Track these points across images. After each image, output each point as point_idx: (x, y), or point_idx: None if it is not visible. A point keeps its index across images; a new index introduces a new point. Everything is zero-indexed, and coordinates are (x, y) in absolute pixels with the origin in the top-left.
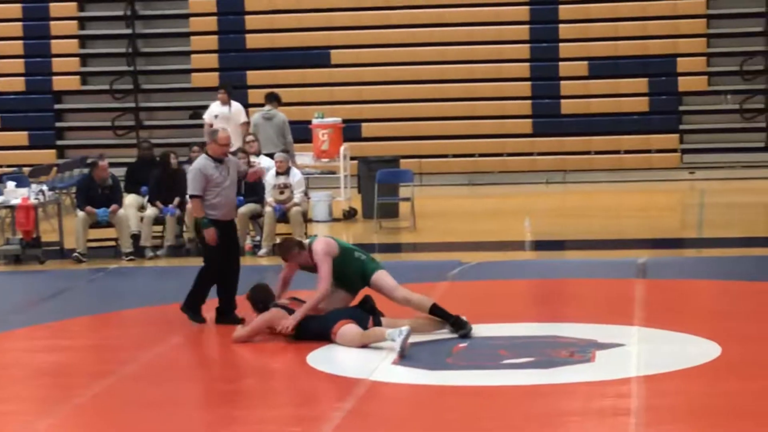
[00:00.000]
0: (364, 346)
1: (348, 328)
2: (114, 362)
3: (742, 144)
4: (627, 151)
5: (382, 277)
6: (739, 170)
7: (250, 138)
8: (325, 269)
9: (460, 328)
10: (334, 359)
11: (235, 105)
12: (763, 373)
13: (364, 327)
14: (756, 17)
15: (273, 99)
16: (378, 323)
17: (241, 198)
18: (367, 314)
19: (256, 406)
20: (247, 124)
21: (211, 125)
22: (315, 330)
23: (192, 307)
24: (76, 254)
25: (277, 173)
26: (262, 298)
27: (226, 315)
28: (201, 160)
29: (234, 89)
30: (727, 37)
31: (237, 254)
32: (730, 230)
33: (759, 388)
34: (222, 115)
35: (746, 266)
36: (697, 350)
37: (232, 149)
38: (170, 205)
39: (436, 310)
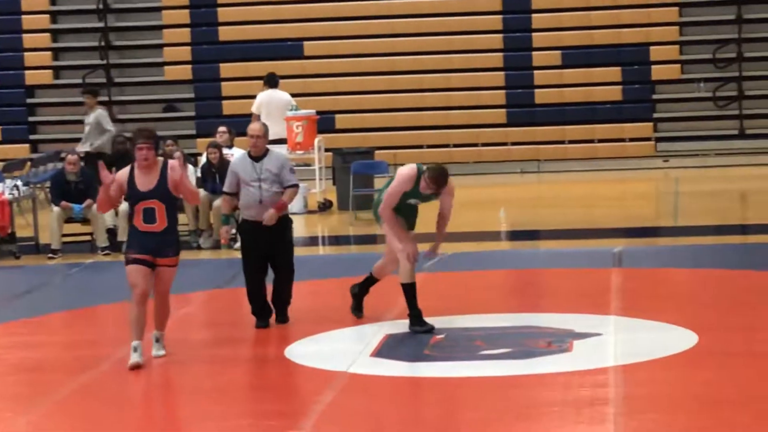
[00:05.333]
0: None
1: None
2: (91, 358)
3: (715, 132)
4: (601, 140)
5: None
6: (712, 158)
7: (221, 129)
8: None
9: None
10: (312, 352)
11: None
12: (739, 361)
13: None
14: (728, 4)
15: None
16: None
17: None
18: None
19: (233, 400)
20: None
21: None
22: None
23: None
24: (49, 254)
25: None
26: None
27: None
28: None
29: (207, 82)
30: (699, 25)
31: (274, 260)
32: (705, 218)
33: (735, 375)
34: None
35: (721, 254)
36: (674, 339)
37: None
38: None
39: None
